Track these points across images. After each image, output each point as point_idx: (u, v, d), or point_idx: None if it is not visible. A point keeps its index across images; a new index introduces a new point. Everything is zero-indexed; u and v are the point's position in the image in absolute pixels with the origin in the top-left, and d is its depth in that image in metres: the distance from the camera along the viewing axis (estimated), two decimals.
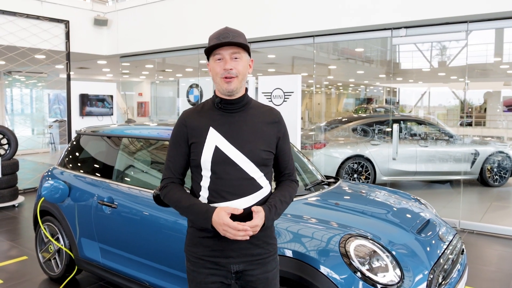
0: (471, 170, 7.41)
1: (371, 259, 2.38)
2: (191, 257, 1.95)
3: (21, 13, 7.54)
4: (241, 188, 1.84)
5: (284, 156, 2.01)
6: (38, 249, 4.23)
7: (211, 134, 1.86)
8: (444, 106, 9.71)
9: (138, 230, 3.15)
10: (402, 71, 9.07)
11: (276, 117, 1.98)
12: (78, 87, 7.28)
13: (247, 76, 1.92)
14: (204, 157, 1.85)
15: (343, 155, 7.43)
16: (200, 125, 1.89)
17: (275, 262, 1.99)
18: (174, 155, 1.95)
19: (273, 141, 1.94)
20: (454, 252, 2.93)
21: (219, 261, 1.89)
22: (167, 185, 1.95)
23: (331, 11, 6.20)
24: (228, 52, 1.82)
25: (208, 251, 1.89)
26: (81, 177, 3.82)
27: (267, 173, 1.93)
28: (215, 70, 1.85)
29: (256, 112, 1.94)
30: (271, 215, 1.86)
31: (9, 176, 6.82)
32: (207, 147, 1.85)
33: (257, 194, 1.87)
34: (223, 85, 1.83)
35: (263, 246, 1.93)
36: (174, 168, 1.95)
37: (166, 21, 8.13)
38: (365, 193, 3.58)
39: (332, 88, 13.27)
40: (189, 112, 1.97)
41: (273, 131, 1.94)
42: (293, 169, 2.06)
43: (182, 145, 1.92)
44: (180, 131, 1.93)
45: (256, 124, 1.91)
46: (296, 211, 2.81)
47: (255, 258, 1.91)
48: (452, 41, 6.37)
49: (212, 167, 1.84)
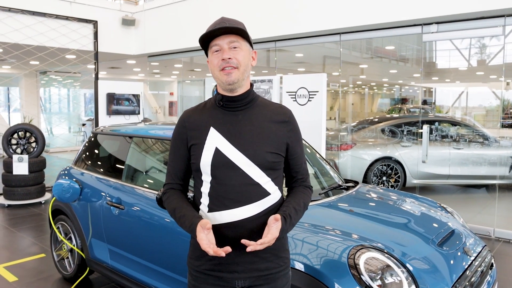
0: (510, 175, 6.96)
1: (384, 274, 2.15)
2: (192, 271, 1.77)
3: (51, 13, 7.69)
4: (244, 194, 1.64)
5: (296, 160, 1.79)
6: (52, 247, 4.24)
7: (211, 134, 1.67)
8: (484, 107, 9.22)
9: (144, 233, 3.07)
10: (439, 70, 8.67)
11: (286, 115, 1.76)
12: (105, 86, 7.36)
13: (250, 68, 1.72)
14: (203, 160, 1.67)
15: (371, 157, 7.16)
16: (200, 125, 1.71)
17: (286, 278, 1.78)
18: (174, 159, 1.80)
19: (282, 143, 1.72)
20: (482, 265, 2.67)
21: (222, 276, 1.70)
22: (167, 192, 1.81)
23: (357, 7, 5.97)
24: (225, 42, 1.63)
25: (210, 265, 1.71)
26: (92, 177, 3.79)
27: (275, 178, 1.72)
28: (213, 63, 1.66)
29: (262, 110, 1.74)
30: (286, 226, 1.65)
31: (36, 173, 6.97)
32: (207, 149, 1.66)
33: (263, 201, 1.67)
34: (222, 77, 1.64)
35: (272, 259, 1.71)
36: (174, 173, 1.80)
37: (192, 20, 8.10)
38: (384, 199, 3.35)
39: (366, 88, 12.93)
40: (190, 112, 1.80)
41: (282, 131, 1.73)
42: (306, 174, 1.84)
43: (182, 148, 1.76)
44: (180, 133, 1.77)
45: (262, 123, 1.70)
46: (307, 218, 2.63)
47: (263, 273, 1.70)
48: (488, 37, 5.98)
49: (212, 171, 1.66)
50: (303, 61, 9.92)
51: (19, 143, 7.03)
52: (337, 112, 10.87)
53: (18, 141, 7.04)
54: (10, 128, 7.09)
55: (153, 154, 3.48)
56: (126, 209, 3.21)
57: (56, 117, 15.11)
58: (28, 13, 7.43)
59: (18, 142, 7.04)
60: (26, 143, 7.06)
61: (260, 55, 8.56)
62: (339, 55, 6.86)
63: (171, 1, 8.50)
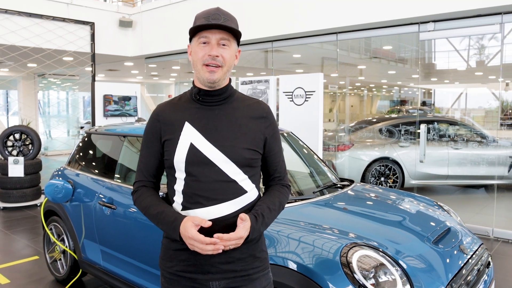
0: (509, 175, 6.90)
1: (377, 272, 2.10)
2: (165, 273, 1.71)
3: (48, 15, 7.66)
4: (220, 192, 1.59)
5: (273, 157, 1.74)
6: (45, 249, 4.19)
7: (186, 130, 1.62)
8: (483, 108, 9.18)
9: (136, 233, 3.02)
10: (437, 71, 8.63)
11: (264, 111, 1.71)
12: (102, 88, 7.33)
13: (232, 67, 1.67)
14: (177, 157, 1.61)
15: (369, 158, 7.12)
16: (174, 119, 1.65)
17: (265, 279, 1.72)
18: (146, 155, 1.72)
19: (260, 139, 1.67)
20: (479, 264, 2.63)
21: (196, 278, 1.63)
22: (138, 190, 1.73)
23: (354, 6, 5.94)
24: (216, 37, 1.58)
25: (183, 266, 1.64)
26: (85, 177, 3.75)
27: (252, 175, 1.67)
28: (197, 54, 1.60)
29: (240, 105, 1.69)
30: (258, 226, 1.59)
31: (32, 175, 6.93)
32: (181, 144, 1.61)
33: (240, 199, 1.62)
34: (204, 74, 1.59)
35: (248, 260, 1.66)
36: (146, 170, 1.73)
37: (189, 21, 7.96)
38: (380, 197, 3.31)
39: (364, 89, 12.89)
40: (163, 106, 1.73)
41: (260, 127, 1.68)
42: (284, 172, 1.79)
43: (155, 143, 1.69)
44: (153, 127, 1.70)
45: (239, 119, 1.65)
46: (301, 216, 2.59)
47: (239, 274, 1.64)
48: (485, 34, 5.94)
49: (187, 168, 1.60)
50: (301, 62, 9.89)
51: (15, 145, 7.00)
52: (335, 114, 10.83)
53: (14, 143, 7.00)
54: (5, 130, 7.06)
55: None
56: (118, 209, 3.17)
57: (54, 120, 15.09)
58: (25, 15, 7.41)
59: (14, 144, 7.00)
60: (22, 145, 7.02)
61: (257, 56, 8.52)
62: (336, 56, 6.83)
63: (168, 2, 8.48)
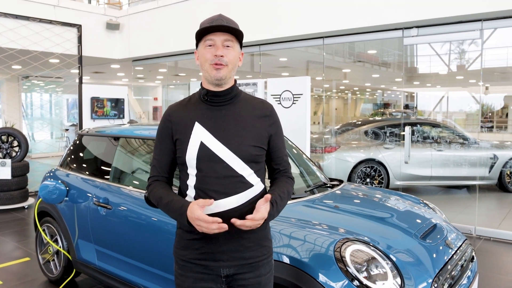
0: (490, 175, 7.13)
1: (369, 266, 2.21)
2: (179, 260, 1.84)
3: (34, 17, 7.64)
4: (229, 186, 1.72)
5: (277, 152, 1.87)
6: (38, 250, 4.20)
7: (196, 129, 1.75)
8: (464, 112, 9.42)
9: (132, 232, 3.08)
10: (420, 75, 8.85)
11: (268, 110, 1.85)
12: (89, 90, 7.33)
13: (236, 68, 1.80)
14: (189, 154, 1.74)
15: (355, 159, 7.26)
16: (185, 119, 1.78)
17: (269, 266, 1.87)
18: (159, 153, 1.86)
19: (264, 136, 1.80)
20: (463, 258, 2.75)
21: (208, 265, 1.77)
22: (151, 184, 1.86)
23: (340, 11, 6.09)
24: (220, 39, 1.71)
25: (196, 254, 1.78)
26: (79, 178, 3.79)
27: (257, 170, 1.80)
28: (204, 56, 1.73)
29: (245, 105, 1.82)
30: (273, 211, 1.73)
31: (19, 178, 6.89)
32: (192, 143, 1.74)
33: (247, 192, 1.75)
34: (211, 72, 1.71)
35: (256, 248, 1.80)
36: (159, 166, 1.86)
37: (176, 25, 8.14)
38: (369, 196, 3.42)
39: (349, 92, 13.06)
40: (175, 107, 1.87)
41: (264, 125, 1.81)
42: (288, 166, 1.92)
43: (167, 142, 1.82)
44: (165, 127, 1.83)
45: (245, 118, 1.78)
46: (293, 213, 2.68)
47: (247, 261, 1.78)
48: (466, 40, 6.16)
49: (198, 165, 1.73)
50: (287, 65, 10.02)
51: (2, 147, 6.95)
52: (320, 116, 10.98)
53: (0, 145, 6.95)
54: None
55: (140, 154, 3.50)
56: (113, 209, 3.22)
57: (38, 123, 14.92)
58: (11, 17, 7.38)
59: (0, 147, 6.95)
60: (9, 148, 6.98)
61: (244, 59, 8.62)
62: (323, 59, 6.97)
63: (155, 6, 8.53)
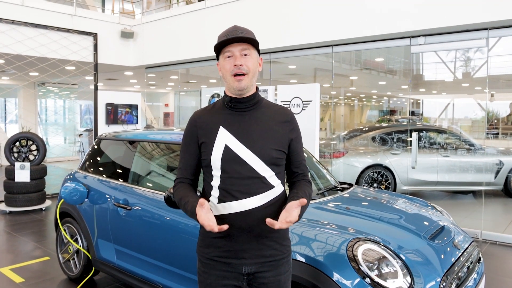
0: (495, 181, 7.21)
1: (380, 264, 2.30)
2: (202, 258, 1.92)
3: (53, 26, 7.90)
4: (251, 186, 1.81)
5: (296, 156, 1.96)
6: (58, 249, 4.37)
7: (221, 133, 1.84)
8: (470, 118, 9.48)
9: (151, 232, 3.20)
10: (426, 82, 8.94)
11: (288, 116, 1.94)
12: (104, 96, 7.52)
13: (257, 74, 1.91)
14: (214, 156, 1.83)
15: (362, 164, 7.38)
16: (210, 124, 1.88)
17: (288, 265, 1.95)
18: (185, 156, 1.95)
19: (285, 141, 1.90)
20: (470, 259, 2.84)
21: (230, 262, 1.85)
22: (176, 185, 1.96)
23: (349, 20, 6.22)
24: (237, 49, 1.81)
25: (219, 252, 1.87)
26: (99, 180, 3.94)
27: (278, 172, 1.89)
28: (225, 67, 1.83)
29: (267, 111, 1.91)
30: (301, 212, 1.78)
31: (37, 180, 7.11)
32: (217, 146, 1.83)
33: (268, 193, 1.84)
34: (233, 83, 1.82)
35: (276, 247, 1.88)
36: (184, 169, 1.95)
37: (188, 33, 8.34)
38: (378, 199, 3.52)
39: (355, 99, 13.15)
40: (200, 112, 1.97)
41: (285, 130, 1.90)
42: (306, 170, 2.00)
43: (193, 145, 1.92)
44: (191, 131, 1.93)
45: (267, 123, 1.88)
46: (306, 215, 2.73)
47: (268, 260, 1.86)
48: (472, 48, 6.29)
49: (222, 166, 1.82)
50: (296, 72, 10.17)
51: (21, 151, 7.19)
52: (328, 123, 11.10)
53: (20, 149, 7.19)
54: (12, 136, 7.24)
55: (158, 157, 3.67)
56: (133, 210, 3.36)
57: (52, 128, 15.22)
58: (31, 25, 7.64)
59: (20, 150, 7.19)
60: (28, 151, 7.22)
61: None
62: (331, 67, 7.12)
63: (168, 15, 8.74)
